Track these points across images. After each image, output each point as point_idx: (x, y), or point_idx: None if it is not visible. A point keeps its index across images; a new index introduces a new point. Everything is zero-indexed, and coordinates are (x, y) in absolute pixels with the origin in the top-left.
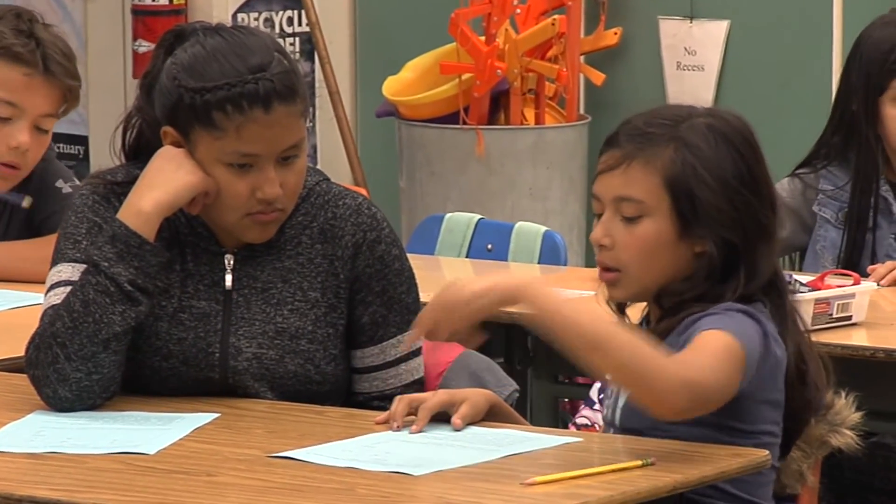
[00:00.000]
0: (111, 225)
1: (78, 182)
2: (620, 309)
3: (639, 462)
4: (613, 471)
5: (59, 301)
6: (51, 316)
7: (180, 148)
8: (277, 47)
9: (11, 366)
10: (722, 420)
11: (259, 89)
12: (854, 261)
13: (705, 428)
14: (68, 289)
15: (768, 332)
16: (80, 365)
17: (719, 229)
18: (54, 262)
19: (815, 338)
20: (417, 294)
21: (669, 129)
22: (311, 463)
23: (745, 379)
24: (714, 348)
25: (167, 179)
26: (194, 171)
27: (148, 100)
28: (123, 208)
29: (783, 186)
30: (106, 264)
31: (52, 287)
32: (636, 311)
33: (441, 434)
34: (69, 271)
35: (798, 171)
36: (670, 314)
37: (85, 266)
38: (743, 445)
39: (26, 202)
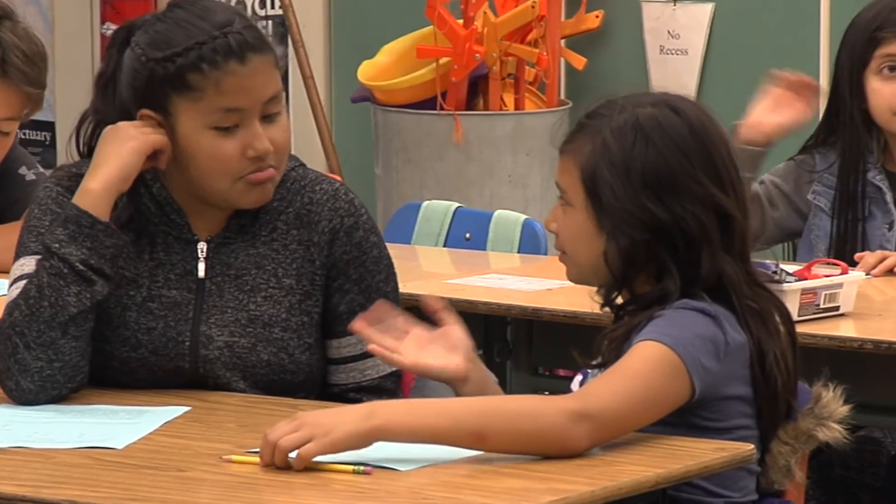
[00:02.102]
0: (63, 209)
1: (41, 169)
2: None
3: (350, 468)
4: (322, 469)
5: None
6: (10, 308)
7: (158, 129)
8: (238, 10)
9: None
10: (692, 419)
11: (230, 42)
12: (846, 249)
13: (676, 428)
14: None
15: (725, 326)
16: (40, 353)
17: (624, 228)
18: (17, 256)
19: (801, 329)
20: (396, 283)
21: (600, 122)
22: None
23: (696, 380)
24: (633, 368)
25: (111, 154)
26: (137, 135)
27: (104, 100)
28: (76, 193)
29: (779, 171)
30: (57, 245)
31: (15, 281)
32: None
33: None
34: (32, 264)
35: (796, 157)
36: (628, 311)
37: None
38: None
39: None
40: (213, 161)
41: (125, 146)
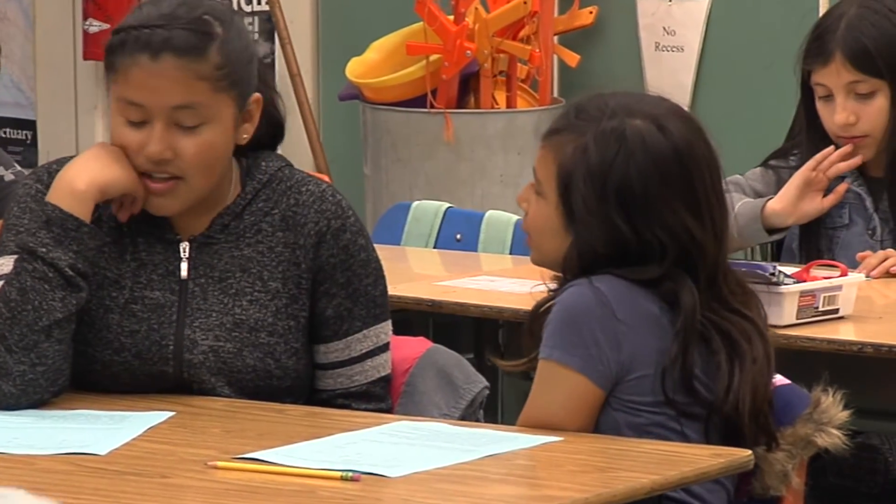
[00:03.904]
0: (44, 209)
1: (19, 168)
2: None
3: (338, 475)
4: (309, 476)
5: None
6: None
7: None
8: (218, 14)
9: None
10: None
11: (152, 36)
12: (814, 255)
13: (611, 403)
14: None
15: (602, 292)
16: (22, 357)
17: (588, 240)
18: None
19: (799, 332)
20: (385, 286)
21: (588, 124)
22: (275, 464)
23: (594, 378)
24: (534, 393)
25: (106, 164)
26: (133, 172)
27: None
28: (53, 189)
29: (756, 176)
30: (44, 250)
31: None
32: None
33: (413, 433)
34: (11, 264)
35: (772, 162)
36: None
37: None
38: (635, 421)
39: None
40: (121, 147)
41: (123, 170)
